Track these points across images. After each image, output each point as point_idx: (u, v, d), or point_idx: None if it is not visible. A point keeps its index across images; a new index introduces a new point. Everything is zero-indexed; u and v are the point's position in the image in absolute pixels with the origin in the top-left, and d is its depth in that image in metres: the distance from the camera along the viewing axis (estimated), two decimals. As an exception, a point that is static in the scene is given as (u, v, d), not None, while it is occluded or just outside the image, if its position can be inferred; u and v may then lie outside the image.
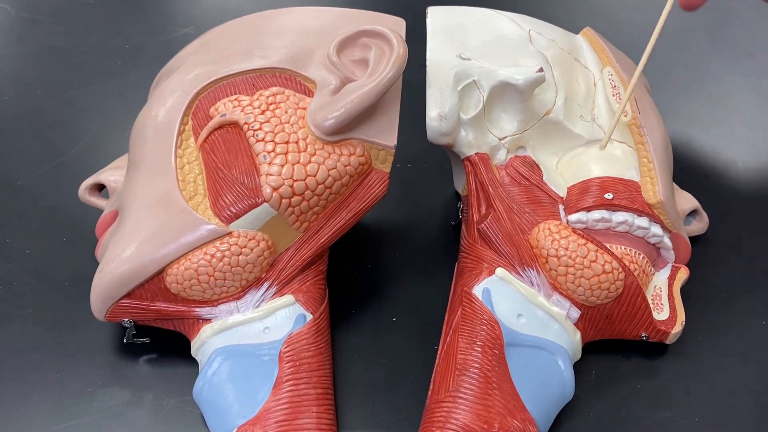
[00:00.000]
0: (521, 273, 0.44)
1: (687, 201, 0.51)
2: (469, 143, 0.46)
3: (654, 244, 0.47)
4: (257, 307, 0.42)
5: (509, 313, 0.42)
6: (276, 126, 0.41)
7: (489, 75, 0.46)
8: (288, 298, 0.43)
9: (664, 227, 0.46)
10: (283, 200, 0.40)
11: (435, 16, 0.48)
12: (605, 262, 0.43)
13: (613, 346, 0.46)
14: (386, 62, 0.41)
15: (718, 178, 0.58)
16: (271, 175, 0.40)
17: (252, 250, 0.41)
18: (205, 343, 0.42)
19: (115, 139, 0.58)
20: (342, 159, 0.42)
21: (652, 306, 0.46)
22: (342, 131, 0.42)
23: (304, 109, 0.42)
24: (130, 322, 0.43)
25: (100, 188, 0.49)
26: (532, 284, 0.44)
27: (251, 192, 0.40)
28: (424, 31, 0.47)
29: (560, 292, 0.43)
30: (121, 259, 0.41)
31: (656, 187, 0.46)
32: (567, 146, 0.48)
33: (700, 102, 0.65)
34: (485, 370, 0.40)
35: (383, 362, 0.45)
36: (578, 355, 0.44)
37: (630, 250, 0.45)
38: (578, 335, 0.43)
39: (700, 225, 0.52)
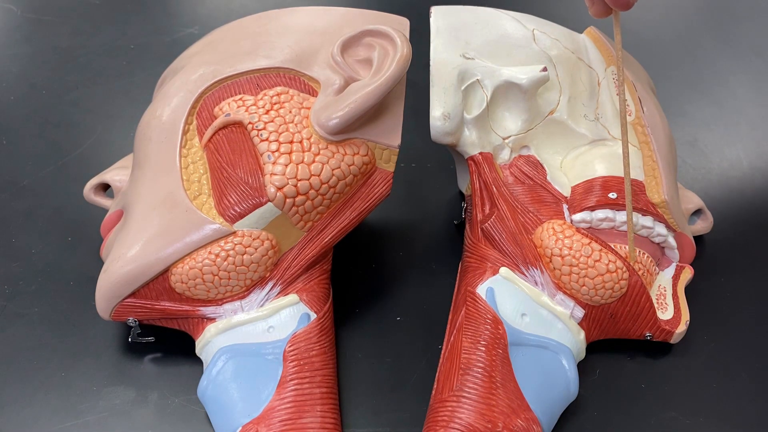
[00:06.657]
0: (525, 272, 0.44)
1: (691, 200, 0.51)
2: (472, 142, 0.46)
3: (658, 244, 0.47)
4: (261, 306, 0.43)
5: (513, 313, 0.42)
6: (280, 125, 0.41)
7: (493, 74, 0.46)
8: (292, 297, 0.43)
9: (668, 226, 0.46)
10: (288, 200, 0.40)
11: (439, 15, 0.48)
12: (609, 261, 0.43)
13: (618, 346, 0.46)
14: (390, 62, 0.41)
15: (723, 178, 0.58)
16: (275, 174, 0.40)
17: (256, 249, 0.41)
18: (209, 342, 0.42)
19: (120, 139, 0.59)
20: (346, 158, 0.42)
21: (656, 305, 0.45)
22: (346, 131, 0.42)
23: (308, 108, 0.42)
24: (135, 321, 0.43)
25: (105, 188, 0.50)
26: (536, 283, 0.44)
27: (255, 191, 0.40)
28: (428, 30, 0.47)
29: (564, 292, 0.43)
30: (126, 258, 0.41)
31: (660, 186, 0.46)
32: (571, 145, 0.48)
33: (705, 101, 0.65)
34: (489, 370, 0.40)
35: (387, 361, 0.45)
36: (582, 355, 0.44)
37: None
38: (582, 335, 0.43)
39: (704, 224, 0.52)
